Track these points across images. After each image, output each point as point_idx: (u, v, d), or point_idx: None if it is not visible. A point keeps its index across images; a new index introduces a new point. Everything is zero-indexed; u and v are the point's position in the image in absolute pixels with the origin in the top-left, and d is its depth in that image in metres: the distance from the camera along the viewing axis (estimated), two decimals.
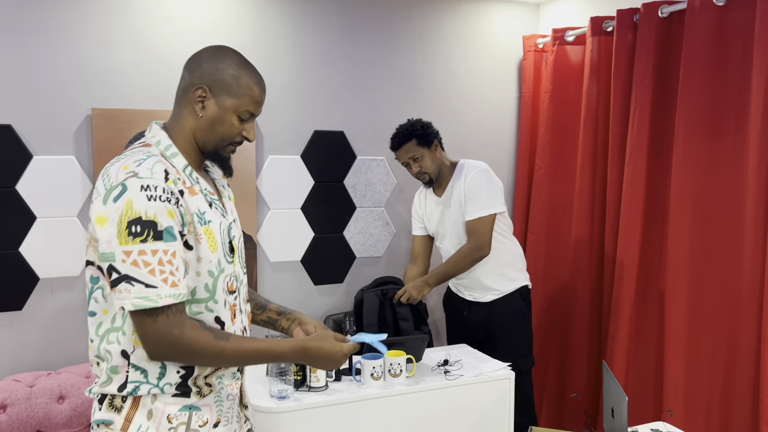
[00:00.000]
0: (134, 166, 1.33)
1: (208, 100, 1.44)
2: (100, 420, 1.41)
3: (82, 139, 2.67)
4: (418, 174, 2.77)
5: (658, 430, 2.06)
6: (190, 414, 1.42)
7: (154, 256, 1.30)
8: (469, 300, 2.85)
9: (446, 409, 2.33)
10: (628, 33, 2.80)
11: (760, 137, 2.29)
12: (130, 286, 1.30)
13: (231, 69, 1.46)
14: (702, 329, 2.52)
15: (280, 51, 2.98)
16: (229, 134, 1.47)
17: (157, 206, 1.31)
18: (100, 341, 1.39)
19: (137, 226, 1.29)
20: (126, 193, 1.30)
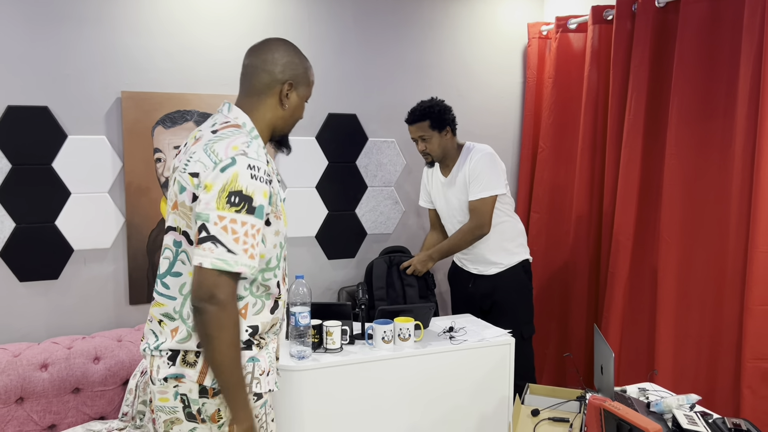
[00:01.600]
0: (243, 147, 1.51)
1: (291, 93, 1.65)
2: (173, 374, 1.56)
3: (112, 120, 2.85)
4: (422, 152, 2.96)
5: (644, 389, 2.24)
6: (254, 365, 1.61)
7: (243, 227, 1.45)
8: (474, 273, 3.03)
9: (451, 372, 2.52)
10: (627, 21, 2.95)
11: (746, 121, 2.44)
12: (214, 247, 1.44)
13: (302, 62, 1.68)
14: (690, 300, 2.69)
15: (296, 38, 3.13)
16: (299, 117, 1.72)
17: (257, 185, 1.48)
18: (185, 299, 1.56)
19: (236, 197, 1.45)
20: (234, 166, 1.47)
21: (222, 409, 1.57)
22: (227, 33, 3.02)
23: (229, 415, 1.57)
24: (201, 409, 1.56)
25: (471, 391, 2.56)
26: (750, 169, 2.44)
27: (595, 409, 1.78)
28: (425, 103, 2.91)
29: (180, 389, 1.56)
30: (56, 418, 2.54)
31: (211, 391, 1.56)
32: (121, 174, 2.88)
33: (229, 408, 1.55)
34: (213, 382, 1.54)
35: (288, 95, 1.64)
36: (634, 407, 2.02)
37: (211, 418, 1.57)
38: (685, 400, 2.04)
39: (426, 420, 2.51)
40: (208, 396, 1.56)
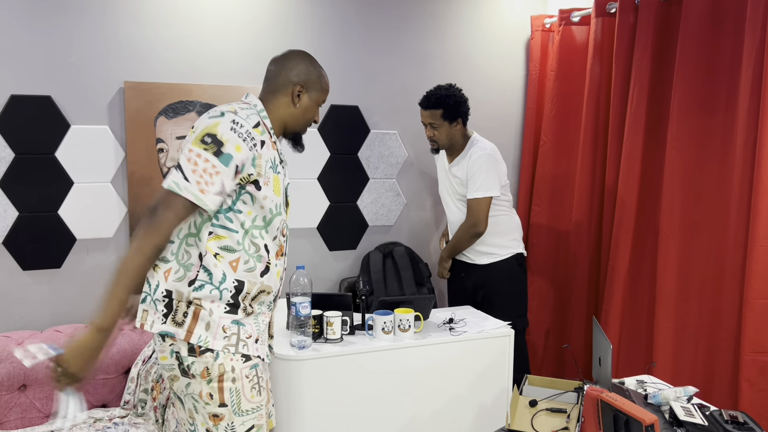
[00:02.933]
0: (237, 107, 1.74)
1: (304, 94, 1.87)
2: (165, 332, 1.70)
3: (115, 110, 2.87)
4: (430, 139, 2.98)
5: (642, 381, 2.25)
6: (239, 327, 1.73)
7: (204, 163, 1.63)
8: (467, 262, 3.06)
9: (450, 363, 2.54)
10: (630, 15, 2.94)
11: (748, 115, 2.44)
12: (176, 171, 1.64)
13: (317, 70, 1.91)
14: (690, 293, 2.70)
15: (300, 30, 3.15)
16: (311, 119, 1.93)
17: (232, 136, 1.66)
18: (181, 242, 1.71)
19: (209, 138, 1.65)
20: (219, 117, 1.68)
21: (209, 368, 1.69)
22: (230, 24, 3.02)
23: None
24: (190, 366, 1.69)
25: (470, 382, 2.58)
26: (750, 164, 2.44)
27: (592, 400, 1.79)
28: (443, 90, 2.90)
29: (174, 347, 1.70)
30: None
31: (198, 349, 1.69)
32: (124, 164, 2.89)
33: (98, 311, 1.63)
34: (199, 339, 1.68)
35: (299, 96, 1.86)
36: (632, 399, 2.03)
37: (201, 375, 1.70)
38: (682, 392, 2.05)
39: (425, 410, 2.53)
40: (195, 354, 1.69)
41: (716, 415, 1.92)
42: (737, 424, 1.87)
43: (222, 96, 2.99)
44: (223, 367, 1.70)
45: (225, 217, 1.71)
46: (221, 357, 1.70)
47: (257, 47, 3.08)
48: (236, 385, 1.72)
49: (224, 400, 1.71)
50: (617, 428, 1.71)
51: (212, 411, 1.72)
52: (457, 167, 2.96)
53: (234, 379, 1.72)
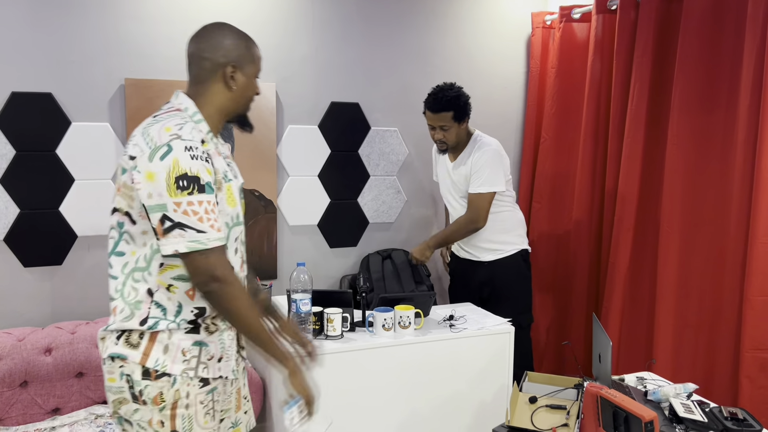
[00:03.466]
0: (176, 129, 1.53)
1: (237, 74, 1.67)
2: (116, 354, 1.57)
3: (116, 107, 2.87)
4: (439, 141, 2.93)
5: (642, 378, 2.26)
6: (201, 349, 1.62)
7: (201, 206, 1.51)
8: (472, 260, 3.04)
9: (451, 359, 2.54)
10: (631, 11, 2.94)
11: (748, 112, 2.44)
12: (184, 232, 1.49)
13: (243, 42, 1.70)
14: (690, 290, 2.70)
15: (300, 26, 3.15)
16: (252, 96, 1.74)
17: (198, 164, 1.52)
18: (126, 278, 1.58)
19: (184, 181, 1.49)
20: (172, 152, 1.50)
21: (164, 393, 1.57)
22: (230, 20, 2.97)
23: (282, 369, 1.64)
24: (143, 390, 1.56)
25: (470, 379, 2.58)
26: (751, 161, 2.44)
27: (592, 396, 1.79)
28: (450, 92, 2.84)
29: (125, 369, 1.57)
30: (60, 402, 2.57)
31: (154, 373, 1.56)
32: None
33: (272, 362, 1.63)
34: (156, 364, 1.56)
35: (233, 77, 1.67)
36: (631, 395, 2.03)
37: (153, 401, 1.57)
38: (682, 389, 2.05)
39: (425, 407, 2.53)
40: (150, 378, 1.56)
41: (716, 411, 1.92)
42: (737, 420, 1.87)
43: None
44: (179, 393, 1.58)
45: None
46: (178, 382, 1.58)
47: (258, 44, 3.06)
48: (189, 412, 1.60)
49: (176, 426, 1.59)
50: (617, 425, 1.71)
51: None
52: (463, 166, 2.94)
53: (188, 405, 1.60)
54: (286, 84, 3.15)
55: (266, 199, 3.15)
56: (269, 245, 3.19)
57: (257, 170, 3.11)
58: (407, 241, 3.48)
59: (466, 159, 2.92)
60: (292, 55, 3.15)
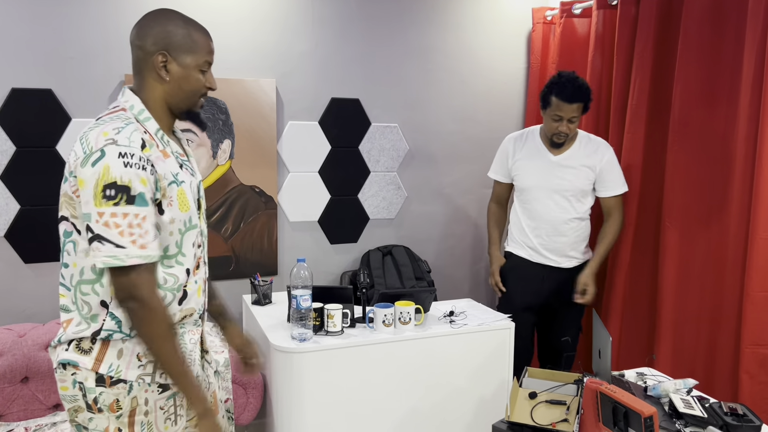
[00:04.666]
0: (113, 134, 1.41)
1: (170, 64, 1.52)
2: (66, 360, 1.49)
3: None
4: (561, 134, 2.69)
5: (642, 373, 2.26)
6: None
7: (125, 219, 1.39)
8: (551, 266, 2.84)
9: (451, 355, 2.55)
10: (632, 6, 2.93)
11: (750, 107, 2.43)
12: (101, 245, 1.39)
13: (180, 29, 1.53)
14: (690, 286, 2.70)
15: (300, 23, 3.15)
16: (196, 89, 1.57)
17: (132, 173, 1.40)
18: (75, 291, 1.49)
19: (112, 190, 1.38)
20: (104, 158, 1.38)
21: (121, 400, 1.49)
22: (229, 16, 3.02)
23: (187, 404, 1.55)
24: (98, 398, 1.49)
25: (470, 375, 2.59)
26: (752, 156, 2.43)
27: (591, 392, 1.79)
28: (579, 80, 2.64)
29: (77, 377, 1.49)
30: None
31: (108, 379, 1.48)
32: None
33: (185, 397, 1.53)
34: (110, 369, 1.48)
35: (165, 66, 1.52)
36: (631, 391, 2.03)
37: (110, 408, 1.49)
38: (682, 384, 2.05)
39: (426, 403, 2.53)
40: (105, 385, 1.48)
41: (716, 407, 1.92)
42: (737, 416, 1.87)
43: (221, 89, 2.99)
44: (136, 400, 1.50)
45: None
46: (135, 389, 1.50)
47: (257, 40, 3.08)
48: (149, 418, 1.52)
49: None
50: (616, 420, 1.71)
51: None
52: (574, 158, 2.75)
53: (147, 412, 1.51)
54: (286, 80, 3.15)
55: (267, 195, 3.16)
56: (269, 241, 3.19)
57: (257, 166, 3.11)
58: (408, 237, 3.48)
59: (583, 154, 2.75)
60: (291, 51, 3.15)
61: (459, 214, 3.61)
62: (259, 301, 2.85)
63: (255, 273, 3.05)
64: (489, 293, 3.74)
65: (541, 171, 2.79)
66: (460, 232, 3.62)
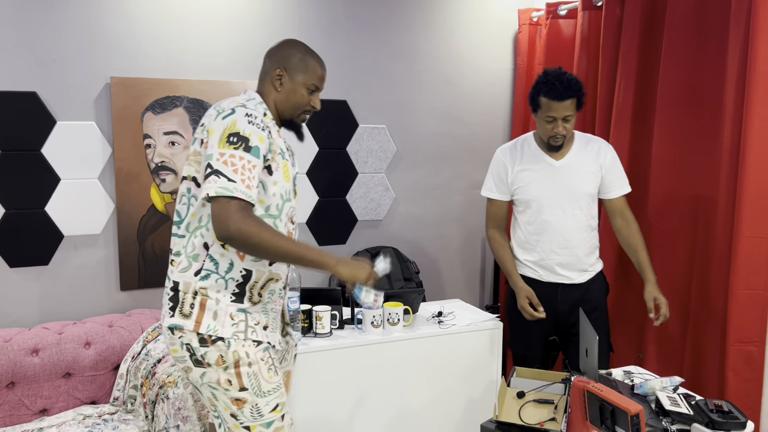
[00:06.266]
0: (243, 100, 1.78)
1: (284, 78, 1.87)
2: (173, 325, 1.76)
3: (101, 105, 2.85)
4: (558, 136, 2.42)
5: (630, 372, 2.28)
6: (246, 315, 1.78)
7: (240, 161, 1.65)
8: (563, 283, 2.54)
9: (440, 355, 2.55)
10: (616, 7, 2.95)
11: (733, 107, 2.46)
12: (217, 178, 1.63)
13: (299, 53, 1.90)
14: (677, 284, 2.72)
15: (287, 25, 3.14)
16: (300, 103, 1.89)
17: (253, 129, 1.70)
18: (190, 236, 1.77)
19: (234, 137, 1.67)
20: (233, 115, 1.70)
21: (223, 355, 1.72)
22: (217, 19, 3.01)
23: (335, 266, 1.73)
24: (204, 355, 1.73)
25: (459, 375, 2.59)
26: (736, 155, 2.45)
27: (578, 390, 1.81)
28: (568, 75, 2.38)
29: (183, 339, 1.75)
30: (47, 403, 2.56)
31: (209, 339, 1.72)
32: (111, 160, 2.88)
33: (317, 267, 1.72)
34: (208, 329, 1.72)
35: (280, 79, 1.86)
36: (618, 389, 2.05)
37: (216, 362, 1.73)
38: (668, 382, 2.07)
39: (415, 403, 2.54)
40: (207, 344, 1.73)
41: (701, 404, 1.94)
42: (722, 413, 1.89)
43: (208, 91, 2.98)
44: (237, 353, 1.74)
45: None
46: (233, 344, 1.74)
47: (244, 42, 3.07)
48: (253, 369, 1.76)
49: (244, 384, 1.75)
50: (603, 418, 1.72)
51: (233, 396, 1.75)
52: (575, 161, 2.50)
53: (250, 363, 1.75)
54: None
55: None
56: None
57: None
58: (396, 239, 3.48)
59: (584, 154, 2.51)
60: None
61: (447, 214, 3.62)
62: None
63: None
64: (477, 293, 3.75)
65: (546, 179, 2.50)
66: (448, 233, 3.63)
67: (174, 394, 2.37)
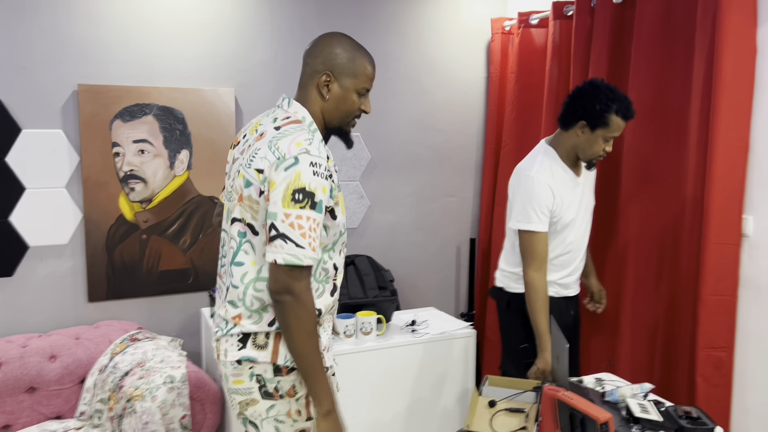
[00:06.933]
0: (306, 144, 1.58)
1: (332, 83, 1.68)
2: (245, 357, 1.65)
3: (69, 113, 2.80)
4: (606, 153, 2.40)
5: (601, 379, 2.28)
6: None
7: (307, 222, 1.54)
8: (571, 296, 2.56)
9: (413, 365, 2.54)
10: (587, 17, 2.98)
11: (700, 115, 2.49)
12: (284, 243, 1.53)
13: (346, 53, 1.68)
14: (647, 291, 2.74)
15: (259, 32, 3.12)
16: (351, 110, 1.72)
17: (318, 182, 1.56)
18: (246, 288, 1.63)
19: (300, 194, 1.53)
20: (297, 165, 1.54)
21: (296, 385, 1.67)
22: (187, 25, 2.98)
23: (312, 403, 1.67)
24: (277, 386, 1.66)
25: (433, 384, 2.58)
26: (703, 163, 2.48)
27: (549, 399, 1.80)
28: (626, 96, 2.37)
29: (255, 370, 1.65)
30: (10, 418, 2.49)
31: (285, 369, 1.65)
32: (79, 168, 2.83)
33: (311, 394, 1.64)
34: (285, 360, 1.64)
35: (327, 86, 1.68)
36: (589, 397, 2.05)
37: (288, 394, 1.67)
38: (639, 389, 2.08)
39: (388, 413, 2.52)
40: (282, 374, 1.65)
41: (671, 410, 1.95)
42: (691, 419, 1.90)
43: (179, 99, 2.95)
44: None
45: None
46: None
47: (215, 49, 3.04)
48: None
49: (311, 413, 1.70)
50: (573, 427, 1.72)
51: (300, 427, 1.70)
52: (587, 175, 2.55)
53: None
54: (246, 89, 3.12)
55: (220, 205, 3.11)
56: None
57: (216, 177, 3.07)
58: (371, 247, 3.47)
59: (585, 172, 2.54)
60: (250, 60, 3.12)
61: (421, 222, 3.61)
62: None
63: (214, 286, 3.00)
64: (453, 301, 3.75)
65: (578, 199, 2.45)
66: (423, 241, 3.62)
67: (141, 408, 2.32)
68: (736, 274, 2.45)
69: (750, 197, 2.43)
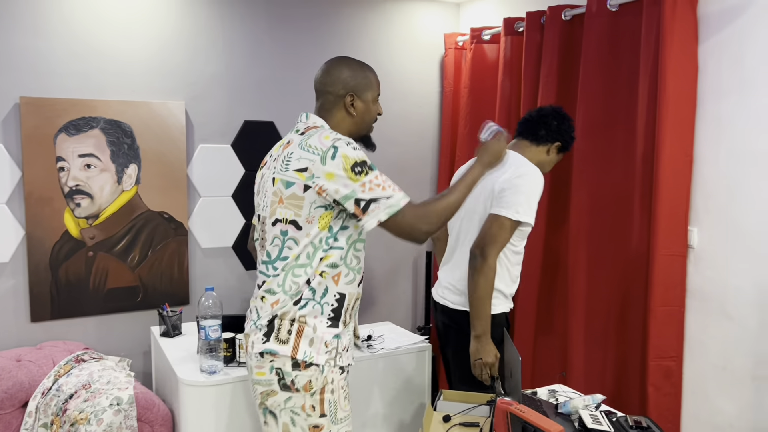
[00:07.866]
0: (333, 135, 1.79)
1: (356, 101, 1.91)
2: (267, 350, 1.79)
3: (10, 126, 2.70)
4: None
5: (554, 390, 2.30)
6: (338, 341, 1.82)
7: (377, 180, 1.75)
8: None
9: (369, 380, 2.51)
10: (537, 33, 3.04)
11: (645, 129, 2.55)
12: (378, 205, 1.74)
13: (360, 71, 1.92)
14: (598, 302, 2.78)
15: (209, 44, 3.08)
16: (373, 117, 1.97)
17: (361, 152, 1.77)
18: (286, 275, 1.80)
19: (358, 167, 1.73)
20: (339, 150, 1.74)
21: (312, 381, 1.78)
22: (136, 38, 2.92)
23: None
24: (294, 380, 1.77)
25: (390, 399, 2.56)
26: (650, 175, 2.54)
27: (502, 412, 1.80)
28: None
29: (275, 363, 1.78)
30: None
31: (303, 364, 1.77)
32: (20, 184, 2.72)
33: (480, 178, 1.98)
34: (305, 355, 1.77)
35: (353, 104, 1.90)
36: (543, 409, 2.06)
37: (304, 388, 1.77)
38: (591, 400, 2.09)
39: None
40: (300, 369, 1.77)
41: (622, 421, 1.97)
42: (641, 429, 1.92)
43: (127, 112, 2.87)
44: (326, 379, 1.79)
45: (334, 237, 1.79)
46: (326, 370, 1.79)
47: (164, 62, 2.98)
48: (334, 396, 1.82)
49: (324, 410, 1.80)
50: None
51: (313, 422, 1.80)
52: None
53: (333, 390, 1.81)
54: (196, 102, 3.07)
55: (176, 221, 3.04)
56: (180, 270, 3.06)
57: (166, 191, 3.00)
58: None
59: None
60: (201, 73, 3.07)
61: (377, 238, 3.60)
62: (168, 333, 2.72)
63: (164, 303, 2.92)
64: (409, 315, 3.74)
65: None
66: (378, 256, 3.61)
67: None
68: (683, 285, 2.52)
69: (695, 209, 2.50)
